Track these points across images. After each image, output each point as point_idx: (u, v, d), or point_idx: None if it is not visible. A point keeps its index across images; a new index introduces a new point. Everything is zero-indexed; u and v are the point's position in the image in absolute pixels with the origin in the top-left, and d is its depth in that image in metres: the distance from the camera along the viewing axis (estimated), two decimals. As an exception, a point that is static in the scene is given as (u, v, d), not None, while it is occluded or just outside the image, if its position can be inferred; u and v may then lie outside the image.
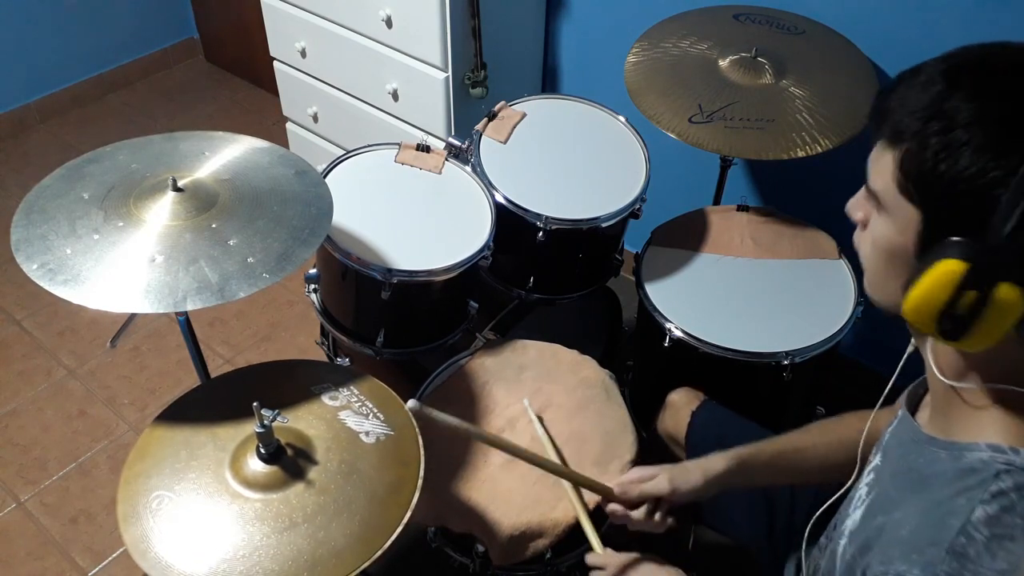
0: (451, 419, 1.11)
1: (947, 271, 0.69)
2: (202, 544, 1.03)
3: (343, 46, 2.21)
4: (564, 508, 1.30)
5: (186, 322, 1.41)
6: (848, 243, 1.64)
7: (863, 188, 0.82)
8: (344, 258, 1.49)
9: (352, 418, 1.19)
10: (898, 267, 0.76)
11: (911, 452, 0.83)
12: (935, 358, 0.81)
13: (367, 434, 1.17)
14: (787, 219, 1.73)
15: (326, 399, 1.21)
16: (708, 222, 1.73)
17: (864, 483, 0.93)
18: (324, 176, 1.61)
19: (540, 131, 1.76)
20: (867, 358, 2.09)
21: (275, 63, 2.48)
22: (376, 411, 1.20)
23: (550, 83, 2.34)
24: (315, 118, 2.48)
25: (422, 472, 1.12)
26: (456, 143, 1.72)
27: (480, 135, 1.72)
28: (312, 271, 1.67)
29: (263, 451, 1.09)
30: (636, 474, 1.22)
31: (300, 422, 1.17)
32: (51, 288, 1.16)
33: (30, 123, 3.07)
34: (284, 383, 1.24)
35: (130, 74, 3.29)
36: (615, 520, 1.24)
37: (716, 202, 1.89)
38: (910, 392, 0.93)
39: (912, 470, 0.82)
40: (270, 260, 1.23)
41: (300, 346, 2.32)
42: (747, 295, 1.59)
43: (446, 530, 1.35)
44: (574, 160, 1.72)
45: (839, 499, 1.04)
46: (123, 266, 1.20)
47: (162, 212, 1.27)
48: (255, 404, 1.06)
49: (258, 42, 2.90)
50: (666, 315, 1.54)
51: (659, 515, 1.20)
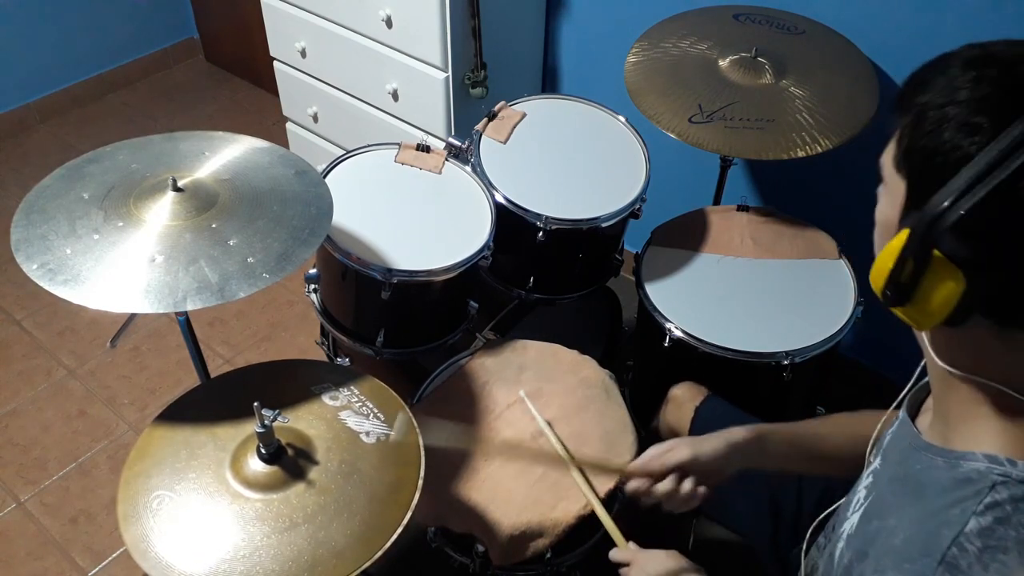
0: (441, 437, 1.11)
1: (898, 238, 0.71)
2: (202, 544, 1.03)
3: (343, 46, 2.21)
4: (564, 508, 1.30)
5: (186, 322, 1.42)
6: (848, 243, 1.66)
7: None
8: (344, 258, 1.49)
9: (352, 418, 1.19)
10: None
11: (909, 458, 0.83)
12: (930, 344, 0.80)
13: (367, 434, 1.17)
14: (787, 219, 1.73)
15: (326, 399, 1.21)
16: (708, 222, 1.73)
17: (863, 486, 0.92)
18: (324, 176, 1.61)
19: (540, 131, 1.76)
20: (867, 358, 2.10)
21: (275, 63, 2.48)
22: (376, 411, 1.20)
23: (550, 83, 2.34)
24: (315, 118, 2.48)
25: (422, 472, 1.12)
26: (456, 143, 1.72)
27: (480, 135, 1.72)
28: (312, 271, 1.67)
29: (263, 451, 1.09)
30: (653, 450, 1.17)
31: (300, 422, 1.17)
32: (51, 288, 1.16)
33: (30, 123, 3.07)
34: (284, 383, 1.24)
35: (130, 74, 3.29)
36: (642, 499, 1.17)
37: (716, 202, 1.89)
38: (911, 396, 0.92)
39: (909, 476, 0.81)
40: (270, 260, 1.23)
41: (300, 346, 2.32)
42: (747, 295, 1.59)
43: (446, 530, 1.35)
44: (574, 160, 1.72)
45: (839, 500, 1.04)
46: (123, 266, 1.20)
47: (162, 212, 1.27)
48: (255, 404, 1.06)
49: (258, 42, 2.91)
50: (666, 315, 1.54)
51: (688, 484, 1.13)
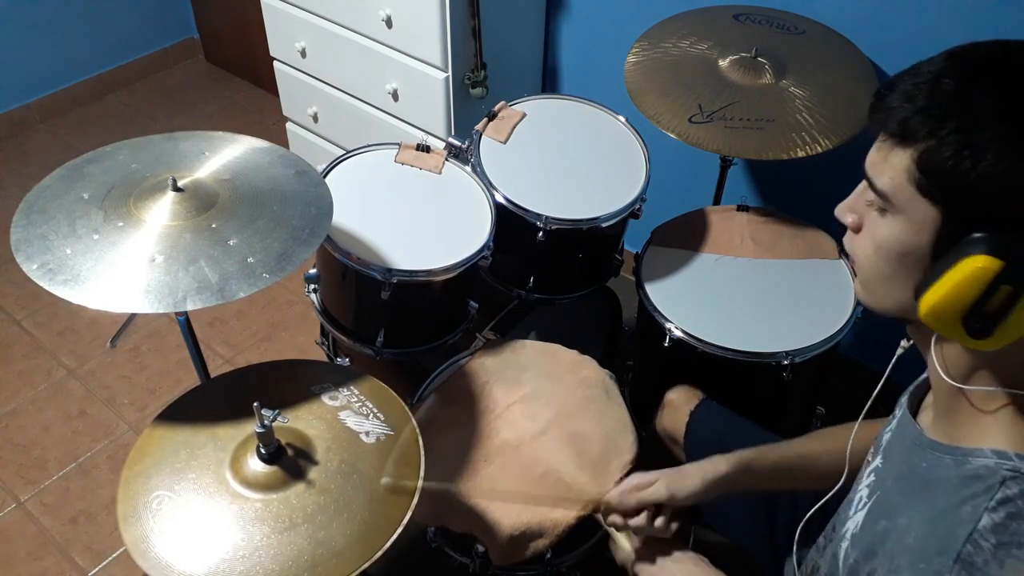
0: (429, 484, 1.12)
1: (978, 267, 0.68)
2: (202, 544, 1.03)
3: (343, 46, 2.21)
4: (564, 508, 1.30)
5: (186, 322, 1.41)
6: (848, 243, 1.65)
7: (856, 191, 0.81)
8: (344, 258, 1.49)
9: (352, 418, 1.19)
10: (909, 268, 0.75)
11: (914, 456, 0.83)
12: (941, 360, 0.79)
13: (367, 434, 1.17)
14: (787, 219, 1.73)
15: (326, 399, 1.21)
16: (708, 222, 1.73)
17: (864, 485, 0.92)
18: (324, 176, 1.61)
19: (540, 131, 1.76)
20: (867, 358, 2.09)
21: (275, 63, 2.49)
22: (376, 411, 1.20)
23: (550, 83, 2.34)
24: (315, 118, 2.48)
25: (422, 472, 1.12)
26: (456, 143, 1.72)
27: (480, 135, 1.72)
28: (312, 271, 1.67)
29: (263, 451, 1.09)
30: (633, 481, 1.20)
31: (300, 422, 1.17)
32: (51, 288, 1.16)
33: (30, 123, 3.07)
34: (284, 383, 1.24)
35: (130, 74, 3.29)
36: (615, 528, 1.22)
37: (716, 202, 1.89)
38: (911, 393, 0.92)
39: (915, 475, 0.81)
40: (270, 260, 1.23)
41: (300, 346, 2.32)
42: (747, 295, 1.59)
43: (446, 530, 1.35)
44: (574, 160, 1.72)
45: (831, 500, 1.04)
46: (123, 266, 1.19)
47: (162, 212, 1.27)
48: (255, 404, 1.06)
49: (258, 42, 2.91)
50: (666, 315, 1.54)
51: (661, 520, 1.17)
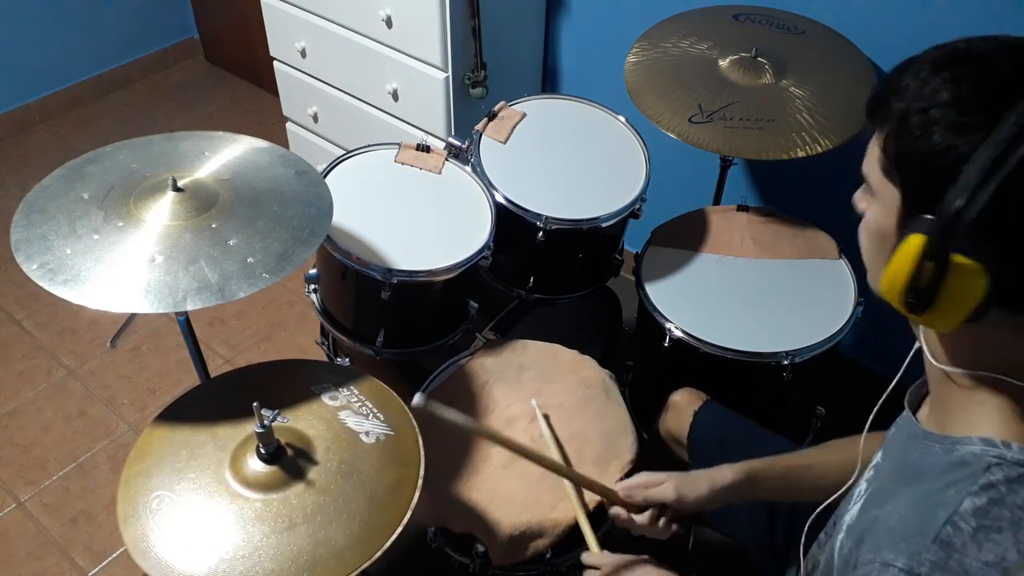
0: (456, 415, 1.11)
1: (909, 244, 0.71)
2: (202, 544, 1.03)
3: (343, 46, 2.21)
4: (564, 508, 1.30)
5: (186, 322, 1.41)
6: (848, 243, 1.65)
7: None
8: (344, 258, 1.49)
9: (352, 418, 1.19)
10: (886, 250, 0.78)
11: (908, 447, 0.85)
12: (929, 346, 0.82)
13: (367, 434, 1.17)
14: (787, 219, 1.73)
15: (326, 399, 1.21)
16: (708, 222, 1.73)
17: (864, 479, 0.94)
18: (324, 176, 1.61)
19: (540, 131, 1.76)
20: (867, 358, 2.09)
21: (275, 63, 2.48)
22: (376, 411, 1.20)
23: (550, 83, 2.34)
24: (315, 118, 2.48)
25: (422, 472, 1.12)
26: (456, 143, 1.72)
27: (480, 135, 1.72)
28: (312, 271, 1.67)
29: (263, 451, 1.09)
30: (643, 479, 1.20)
31: (300, 422, 1.17)
32: (51, 288, 1.16)
33: (30, 123, 3.07)
34: (284, 383, 1.24)
35: (130, 74, 3.29)
36: (619, 524, 1.23)
37: (716, 202, 1.89)
38: (912, 391, 0.93)
39: (907, 464, 0.83)
40: (270, 260, 1.23)
41: (300, 346, 2.32)
42: (747, 295, 1.59)
43: (446, 530, 1.35)
44: (574, 160, 1.72)
45: (839, 497, 1.04)
46: (123, 266, 1.20)
47: (162, 212, 1.27)
48: (255, 404, 1.06)
49: (258, 42, 2.91)
50: (666, 315, 1.54)
51: (663, 521, 1.18)
